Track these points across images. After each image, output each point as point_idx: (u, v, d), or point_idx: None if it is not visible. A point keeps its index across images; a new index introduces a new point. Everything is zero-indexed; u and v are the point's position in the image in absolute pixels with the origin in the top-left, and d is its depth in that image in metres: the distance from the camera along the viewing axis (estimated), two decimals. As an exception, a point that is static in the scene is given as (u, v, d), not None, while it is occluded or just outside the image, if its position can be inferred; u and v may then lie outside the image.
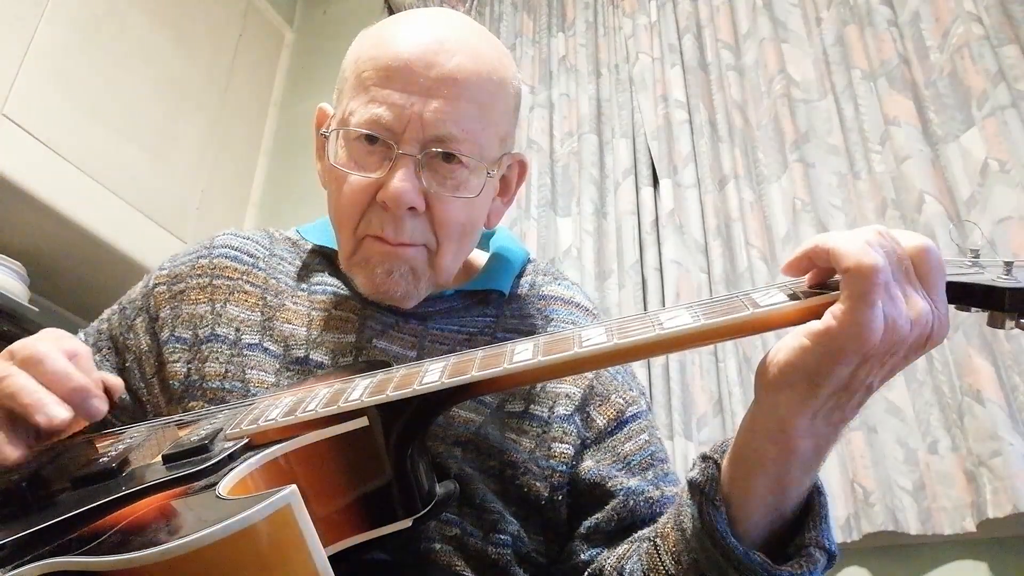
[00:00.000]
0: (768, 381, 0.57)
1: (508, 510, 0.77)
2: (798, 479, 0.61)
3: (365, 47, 0.81)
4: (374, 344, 0.83)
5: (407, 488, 0.62)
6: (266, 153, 2.90)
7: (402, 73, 0.77)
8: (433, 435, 0.76)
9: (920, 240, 0.55)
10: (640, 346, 0.57)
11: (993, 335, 1.54)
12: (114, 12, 2.28)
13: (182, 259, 0.93)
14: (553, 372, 0.61)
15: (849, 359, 0.53)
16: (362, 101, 0.78)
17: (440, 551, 0.73)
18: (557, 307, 0.91)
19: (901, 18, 1.95)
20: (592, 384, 0.85)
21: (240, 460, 0.58)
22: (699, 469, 0.65)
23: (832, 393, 0.55)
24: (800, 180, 1.90)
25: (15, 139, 1.93)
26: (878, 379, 0.56)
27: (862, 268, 0.51)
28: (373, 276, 0.80)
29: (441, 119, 0.76)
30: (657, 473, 0.83)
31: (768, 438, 0.59)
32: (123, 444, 0.69)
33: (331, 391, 0.65)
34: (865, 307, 0.51)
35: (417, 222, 0.79)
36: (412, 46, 0.78)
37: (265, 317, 0.85)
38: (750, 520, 0.62)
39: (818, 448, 0.59)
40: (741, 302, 0.57)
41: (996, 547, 1.47)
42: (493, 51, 0.83)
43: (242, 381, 0.80)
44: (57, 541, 0.52)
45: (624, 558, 0.74)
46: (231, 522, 0.45)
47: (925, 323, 0.53)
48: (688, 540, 0.65)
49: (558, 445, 0.81)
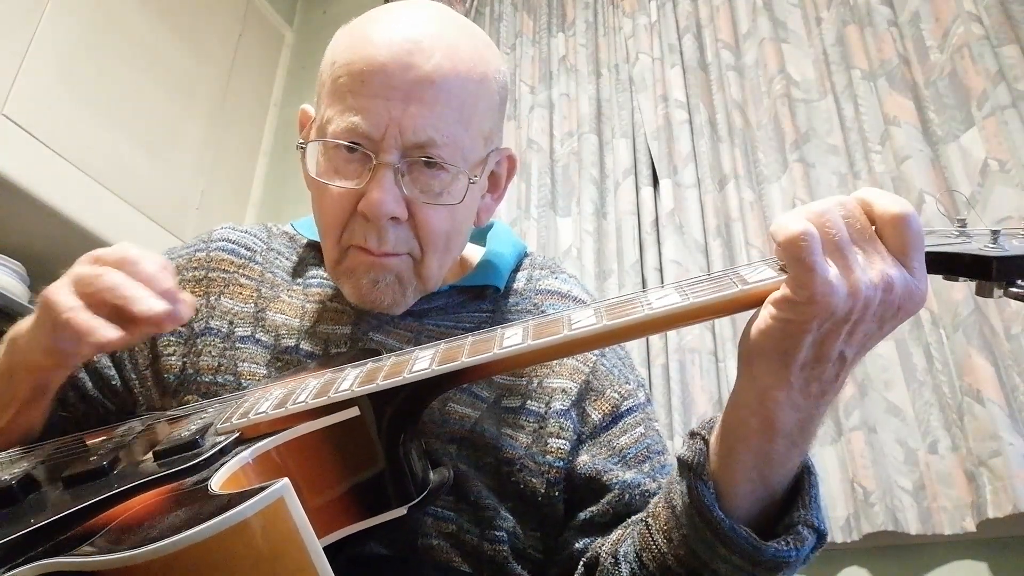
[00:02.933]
0: (744, 352, 0.58)
1: (504, 506, 0.77)
2: (784, 454, 0.61)
3: (340, 49, 0.78)
4: (370, 337, 0.82)
5: (400, 476, 0.62)
6: (266, 153, 2.90)
7: (377, 78, 0.74)
8: (428, 432, 0.75)
9: (897, 207, 0.54)
10: (630, 326, 0.57)
11: (993, 335, 1.54)
12: (114, 12, 2.28)
13: (180, 252, 0.92)
14: (544, 355, 0.60)
15: (810, 324, 0.53)
16: (338, 109, 0.76)
17: (437, 547, 0.73)
18: (554, 301, 0.91)
19: (901, 18, 1.95)
20: (588, 379, 0.85)
21: (231, 454, 0.58)
22: (687, 446, 0.65)
23: (805, 363, 0.56)
24: (800, 180, 1.90)
25: (15, 139, 1.93)
26: (852, 349, 0.56)
27: (788, 236, 0.52)
28: (359, 286, 0.79)
29: (420, 125, 0.74)
30: (654, 465, 0.83)
31: (750, 411, 0.59)
32: (113, 442, 0.68)
33: (321, 382, 0.64)
34: (803, 270, 0.52)
35: (400, 231, 0.77)
36: (386, 48, 0.74)
37: (258, 309, 0.85)
38: (737, 495, 0.62)
39: (801, 423, 0.59)
40: (730, 279, 0.57)
41: (996, 547, 1.47)
42: (472, 45, 0.79)
43: (234, 375, 0.80)
44: (50, 541, 0.52)
45: (618, 542, 0.75)
46: (224, 518, 0.45)
47: (891, 288, 0.53)
48: (678, 517, 0.65)
49: (554, 441, 0.80)
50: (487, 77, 0.80)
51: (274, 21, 3.05)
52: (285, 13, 3.14)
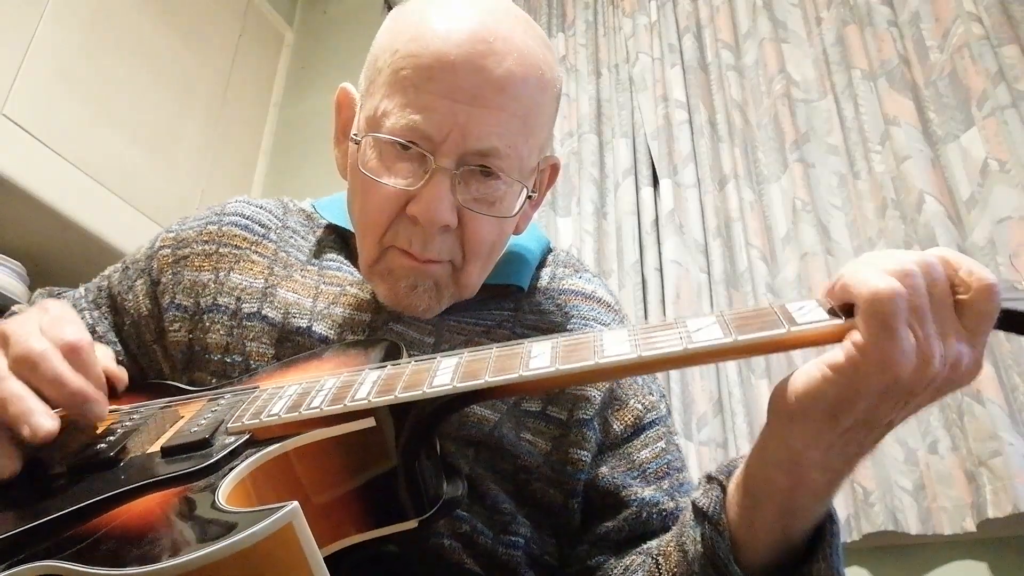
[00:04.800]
0: (784, 410, 0.54)
1: (521, 512, 0.75)
2: (809, 508, 0.58)
3: (403, 38, 0.72)
4: (391, 326, 0.79)
5: (414, 489, 0.60)
6: (266, 153, 2.90)
7: (446, 76, 0.69)
8: (445, 433, 0.73)
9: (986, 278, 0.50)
10: (666, 359, 0.53)
11: (993, 335, 1.53)
12: (114, 12, 2.28)
13: (191, 223, 0.89)
14: (570, 381, 0.58)
15: (871, 393, 0.50)
16: (398, 103, 0.71)
17: (449, 547, 0.71)
18: (577, 302, 0.88)
19: (901, 18, 1.95)
20: (612, 388, 0.82)
21: (241, 457, 0.57)
22: (704, 491, 0.62)
23: (850, 427, 0.52)
24: (800, 180, 1.90)
25: (15, 139, 1.93)
26: (901, 416, 0.52)
27: (876, 294, 0.48)
28: (396, 289, 0.75)
29: (485, 132, 0.70)
30: (673, 483, 0.80)
31: (779, 468, 0.56)
32: (122, 428, 0.66)
33: (337, 385, 0.62)
34: (886, 336, 0.48)
35: (446, 238, 0.74)
36: (458, 45, 0.69)
37: (268, 285, 0.82)
38: (755, 547, 0.59)
39: (830, 481, 0.56)
40: (777, 316, 0.53)
41: (996, 547, 1.47)
42: (541, 50, 0.75)
43: (242, 355, 0.77)
44: (51, 540, 0.51)
45: (629, 570, 0.73)
46: (230, 543, 0.44)
47: (959, 365, 0.50)
48: (690, 563, 0.63)
49: (576, 451, 0.78)
50: (551, 85, 0.76)
51: (274, 21, 3.05)
52: (285, 13, 3.14)
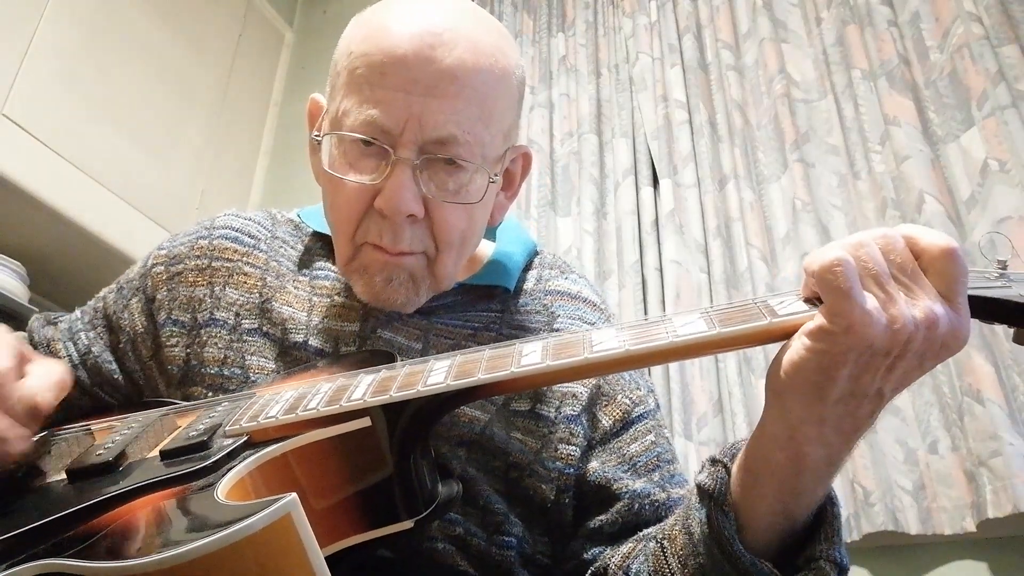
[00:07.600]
0: (776, 386, 0.56)
1: (513, 511, 0.76)
2: (809, 488, 0.59)
3: (357, 39, 0.75)
4: (378, 334, 0.81)
5: (409, 489, 0.61)
6: (266, 153, 2.90)
7: (397, 70, 0.71)
8: (436, 434, 0.74)
9: (943, 241, 0.52)
10: (653, 353, 0.55)
11: (993, 335, 1.54)
12: (114, 12, 2.28)
13: (182, 239, 0.90)
14: (562, 377, 0.59)
15: (847, 356, 0.51)
16: (355, 101, 0.73)
17: (443, 550, 0.72)
18: (563, 303, 0.89)
19: (901, 18, 1.95)
20: (599, 384, 0.83)
21: (239, 459, 0.57)
22: (708, 473, 0.63)
23: (840, 398, 0.53)
24: (800, 180, 1.90)
25: (15, 139, 1.93)
26: (889, 385, 0.54)
27: (822, 263, 0.51)
28: (372, 284, 0.77)
29: (441, 120, 0.72)
30: (663, 475, 0.81)
31: (777, 445, 0.57)
32: (120, 435, 0.67)
33: (333, 388, 0.63)
34: (839, 298, 0.50)
35: (416, 229, 0.75)
36: (407, 40, 0.72)
37: (263, 299, 0.83)
38: (759, 527, 0.60)
39: (830, 458, 0.57)
40: (759, 309, 0.55)
41: (996, 547, 1.47)
42: (494, 38, 0.77)
43: (242, 367, 0.79)
44: (52, 540, 0.52)
45: (630, 556, 0.73)
46: (230, 532, 0.44)
47: (935, 325, 0.51)
48: (695, 545, 0.64)
49: (564, 447, 0.79)
50: (508, 71, 0.78)
51: (274, 21, 3.05)
52: (285, 13, 3.14)
